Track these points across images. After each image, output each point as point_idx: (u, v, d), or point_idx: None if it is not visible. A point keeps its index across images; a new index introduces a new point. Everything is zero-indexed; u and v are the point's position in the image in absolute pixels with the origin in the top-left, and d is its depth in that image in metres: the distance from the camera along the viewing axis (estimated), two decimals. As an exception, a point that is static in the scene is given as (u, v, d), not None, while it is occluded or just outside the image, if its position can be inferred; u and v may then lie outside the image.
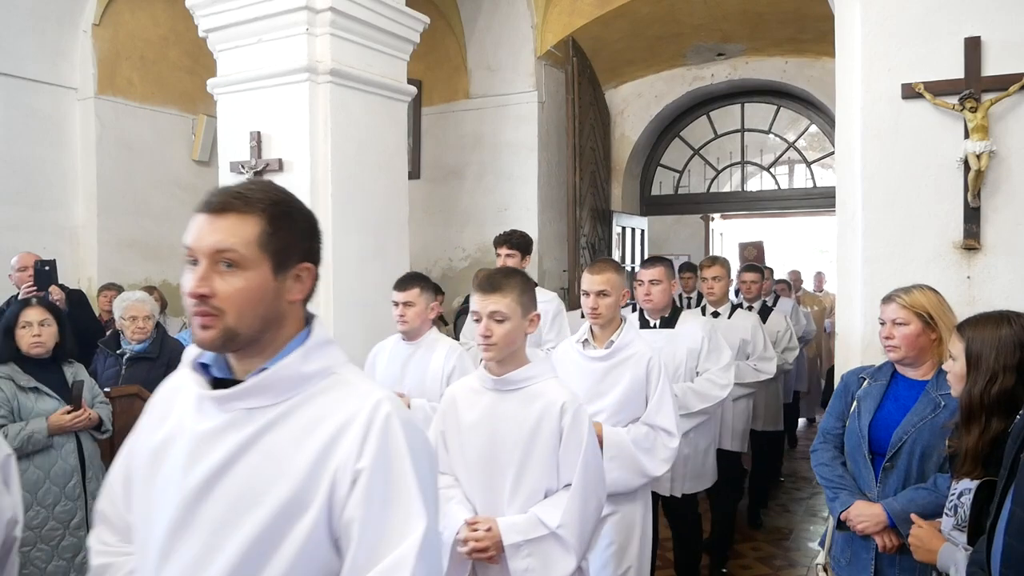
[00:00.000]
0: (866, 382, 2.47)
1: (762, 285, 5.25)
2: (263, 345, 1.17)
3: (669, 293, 3.44)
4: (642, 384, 2.69)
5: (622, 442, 2.60)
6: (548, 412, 2.05)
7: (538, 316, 2.14)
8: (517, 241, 3.96)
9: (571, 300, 5.65)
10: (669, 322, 3.48)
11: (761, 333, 4.26)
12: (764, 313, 4.92)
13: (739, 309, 4.44)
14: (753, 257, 8.60)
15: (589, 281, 3.09)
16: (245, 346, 1.15)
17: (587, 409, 2.23)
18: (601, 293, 3.06)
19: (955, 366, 1.93)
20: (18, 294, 4.25)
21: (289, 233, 1.18)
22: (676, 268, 5.39)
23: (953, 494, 1.94)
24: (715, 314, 4.25)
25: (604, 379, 2.70)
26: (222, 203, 1.13)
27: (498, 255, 3.92)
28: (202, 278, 1.10)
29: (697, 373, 3.40)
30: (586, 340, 2.81)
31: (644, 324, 3.47)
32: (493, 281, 2.06)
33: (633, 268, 6.76)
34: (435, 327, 3.31)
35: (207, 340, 1.12)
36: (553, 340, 3.83)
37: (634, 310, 3.87)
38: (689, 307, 5.61)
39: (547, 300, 3.91)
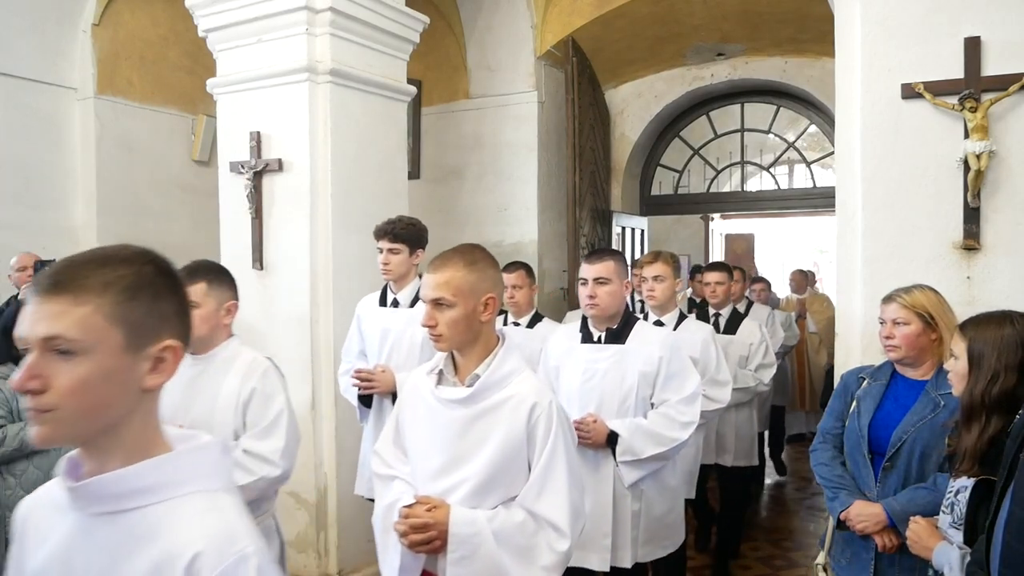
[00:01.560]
0: (865, 382, 2.47)
1: (729, 287, 4.49)
2: None
3: (621, 296, 2.75)
4: (521, 444, 1.81)
5: (478, 534, 1.78)
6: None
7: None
8: (401, 231, 3.26)
9: (571, 300, 5.65)
10: (617, 335, 2.76)
11: (714, 349, 3.42)
12: (735, 321, 4.30)
13: (688, 318, 3.63)
14: (742, 252, 8.10)
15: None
16: None
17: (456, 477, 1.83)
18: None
19: (957, 365, 1.94)
20: (18, 294, 4.26)
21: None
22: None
23: (951, 492, 1.95)
24: (658, 323, 3.48)
25: (466, 435, 1.84)
26: None
27: (379, 250, 3.28)
28: None
29: (652, 405, 2.71)
30: (441, 372, 1.93)
31: (588, 337, 2.80)
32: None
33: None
34: (234, 337, 2.47)
35: None
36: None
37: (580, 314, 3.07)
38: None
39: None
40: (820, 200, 6.73)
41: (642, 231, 7.02)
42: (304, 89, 3.75)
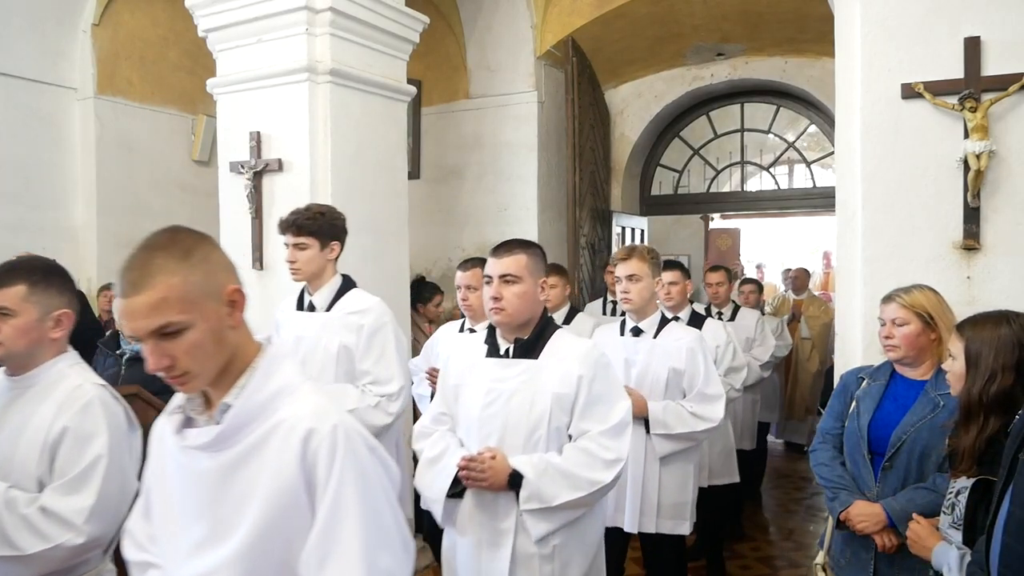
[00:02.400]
0: (865, 382, 2.47)
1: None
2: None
3: (533, 298, 2.24)
4: (296, 491, 1.26)
5: None
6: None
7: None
8: (307, 222, 2.87)
9: (571, 300, 5.65)
10: (529, 348, 2.25)
11: (701, 358, 3.07)
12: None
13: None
14: (727, 248, 7.35)
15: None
16: None
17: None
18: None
19: (955, 365, 1.94)
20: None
21: None
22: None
23: (951, 492, 1.95)
24: (636, 331, 3.13)
25: (224, 493, 1.29)
26: None
27: (285, 246, 2.95)
28: None
29: (569, 437, 2.23)
30: (183, 408, 1.39)
31: (494, 350, 2.29)
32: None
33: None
34: (66, 355, 1.98)
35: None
36: (370, 369, 2.89)
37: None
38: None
39: (362, 310, 2.94)
40: (820, 200, 6.73)
41: (642, 231, 7.02)
42: (304, 89, 3.75)
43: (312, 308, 3.00)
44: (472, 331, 3.43)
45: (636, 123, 6.81)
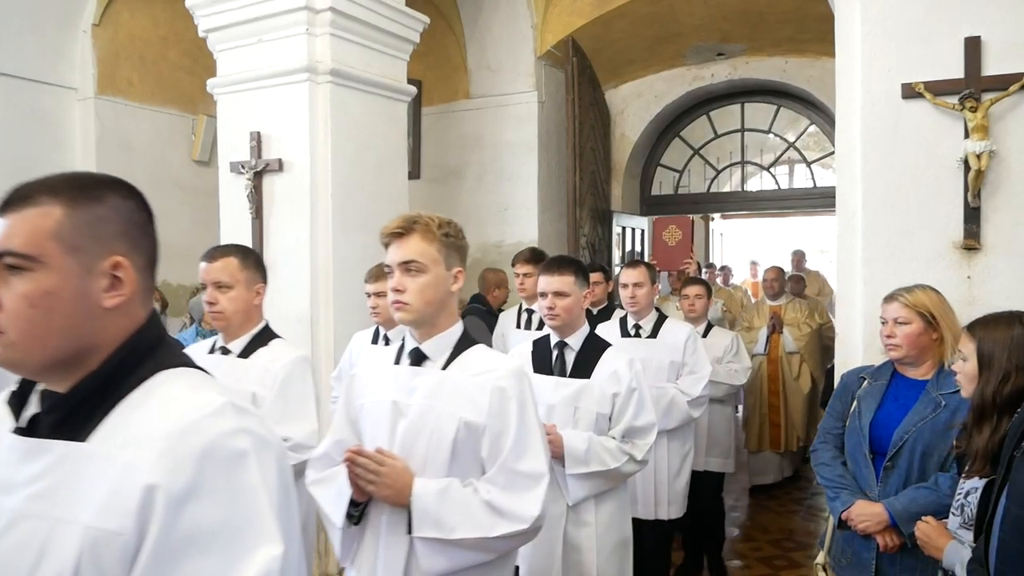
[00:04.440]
0: (866, 382, 2.47)
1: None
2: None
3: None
4: None
5: None
6: None
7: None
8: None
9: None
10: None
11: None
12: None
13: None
14: (676, 243, 5.41)
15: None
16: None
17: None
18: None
19: (966, 366, 1.93)
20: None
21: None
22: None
23: (960, 493, 1.94)
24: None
25: None
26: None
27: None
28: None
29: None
30: None
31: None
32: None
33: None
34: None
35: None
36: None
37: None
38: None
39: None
40: (820, 200, 6.73)
41: (642, 231, 7.02)
42: (304, 89, 3.75)
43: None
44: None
45: (636, 123, 6.81)
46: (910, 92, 2.79)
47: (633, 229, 6.85)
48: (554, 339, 2.64)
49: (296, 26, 3.73)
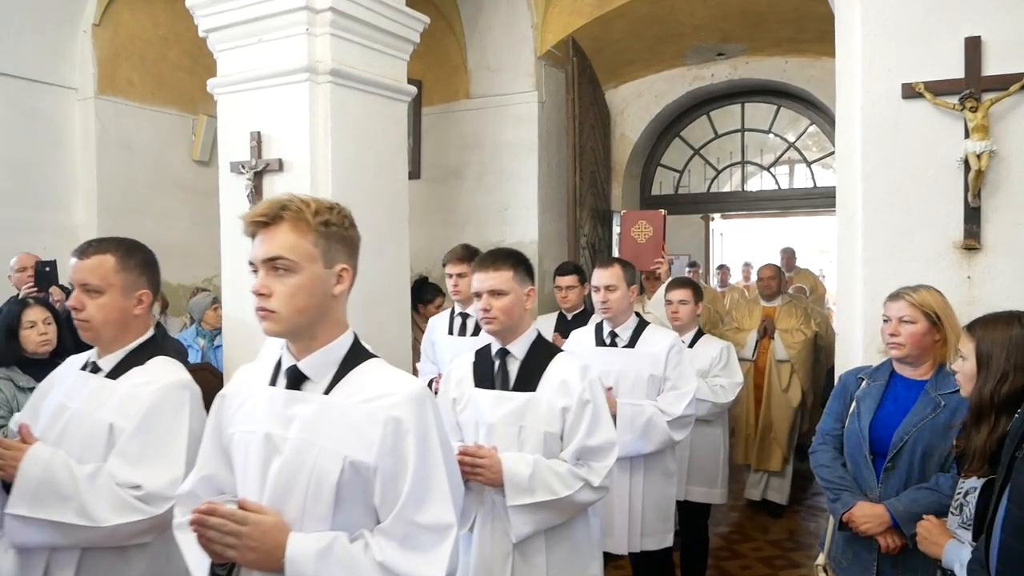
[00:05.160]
0: (864, 382, 2.47)
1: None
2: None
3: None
4: None
5: None
6: None
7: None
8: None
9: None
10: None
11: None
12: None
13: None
14: (646, 240, 4.70)
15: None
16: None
17: None
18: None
19: (965, 366, 1.93)
20: (18, 294, 4.25)
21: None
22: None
23: (959, 493, 1.94)
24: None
25: None
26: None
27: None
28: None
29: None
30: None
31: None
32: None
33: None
34: None
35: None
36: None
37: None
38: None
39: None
40: (820, 200, 6.73)
41: (642, 231, 7.02)
42: (304, 89, 3.75)
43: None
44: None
45: (636, 123, 6.81)
46: (910, 92, 2.79)
47: (633, 229, 6.85)
48: (495, 347, 2.28)
49: (296, 26, 3.72)
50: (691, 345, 3.74)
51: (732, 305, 6.06)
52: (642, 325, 3.17)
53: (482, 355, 2.31)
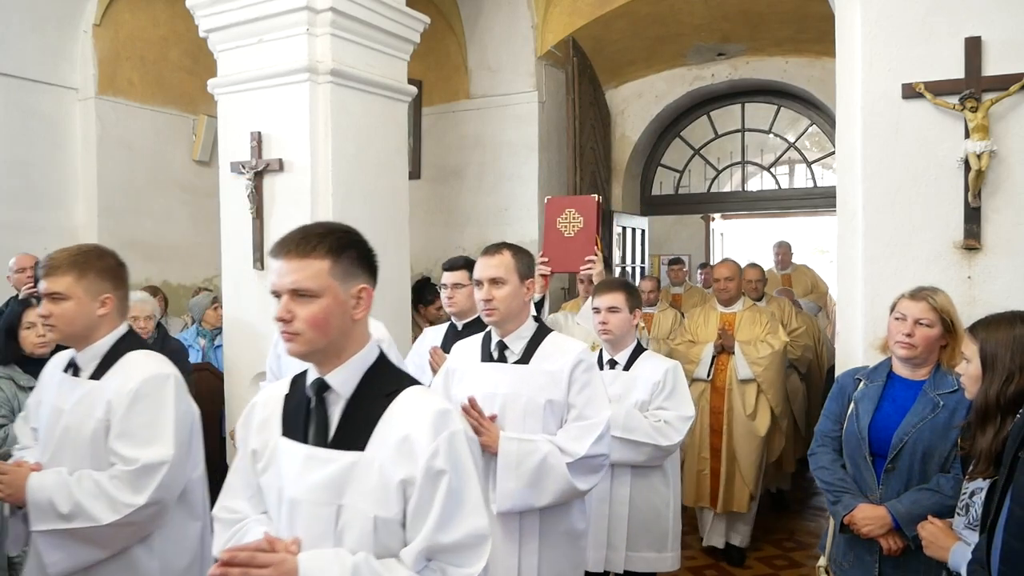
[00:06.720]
0: (862, 383, 2.45)
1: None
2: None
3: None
4: None
5: None
6: None
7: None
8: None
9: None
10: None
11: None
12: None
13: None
14: (577, 231, 3.72)
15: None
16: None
17: None
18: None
19: (969, 368, 1.92)
20: (18, 295, 4.25)
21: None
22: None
23: (965, 493, 1.94)
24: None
25: None
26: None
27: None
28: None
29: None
30: None
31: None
32: None
33: (634, 268, 6.76)
34: None
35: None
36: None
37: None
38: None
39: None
40: (820, 200, 6.73)
41: (642, 231, 7.02)
42: (305, 89, 3.75)
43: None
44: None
45: (637, 123, 6.81)
46: (910, 92, 2.78)
47: (633, 229, 6.84)
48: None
49: (296, 26, 3.73)
50: (627, 367, 2.97)
51: (687, 312, 5.07)
52: (541, 333, 2.36)
53: (296, 385, 1.59)
